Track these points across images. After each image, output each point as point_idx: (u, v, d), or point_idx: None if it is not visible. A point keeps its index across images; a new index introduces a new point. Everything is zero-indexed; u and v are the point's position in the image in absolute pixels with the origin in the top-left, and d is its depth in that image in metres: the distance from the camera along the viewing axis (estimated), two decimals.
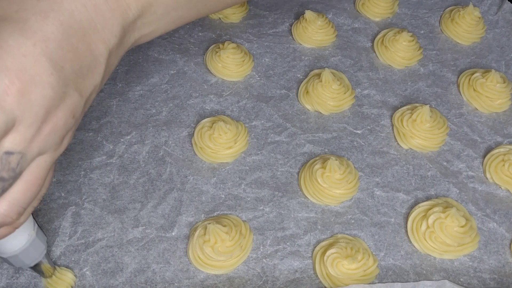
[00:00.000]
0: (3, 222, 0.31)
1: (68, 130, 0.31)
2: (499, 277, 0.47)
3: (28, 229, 0.37)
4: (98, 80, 0.32)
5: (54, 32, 0.29)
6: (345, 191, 0.50)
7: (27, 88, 0.27)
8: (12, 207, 0.30)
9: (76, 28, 0.30)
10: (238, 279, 0.46)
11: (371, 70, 0.62)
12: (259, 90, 0.60)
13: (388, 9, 0.68)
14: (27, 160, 0.29)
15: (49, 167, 0.32)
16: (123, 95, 0.58)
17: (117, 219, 0.49)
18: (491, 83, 0.58)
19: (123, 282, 0.45)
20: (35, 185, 0.31)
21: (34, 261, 0.39)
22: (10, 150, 0.28)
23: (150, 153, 0.54)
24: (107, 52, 0.32)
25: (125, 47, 0.35)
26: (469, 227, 0.48)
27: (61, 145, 0.32)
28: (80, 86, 0.31)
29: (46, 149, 0.30)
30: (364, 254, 0.46)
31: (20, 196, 0.30)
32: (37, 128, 0.29)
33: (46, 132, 0.29)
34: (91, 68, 0.31)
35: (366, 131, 0.57)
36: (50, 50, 0.29)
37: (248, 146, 0.55)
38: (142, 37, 0.36)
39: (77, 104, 0.31)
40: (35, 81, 0.28)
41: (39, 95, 0.28)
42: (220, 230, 0.46)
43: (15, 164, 0.29)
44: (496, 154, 0.54)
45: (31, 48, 0.28)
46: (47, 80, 0.28)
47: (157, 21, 0.36)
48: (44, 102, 0.28)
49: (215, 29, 0.65)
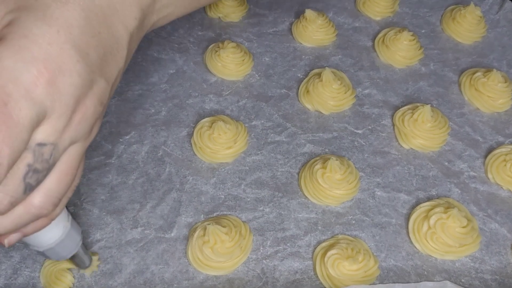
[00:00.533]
0: (39, 214, 0.30)
1: (97, 118, 0.31)
2: (501, 278, 0.47)
3: (63, 220, 0.37)
4: (122, 64, 0.32)
5: (76, 18, 0.28)
6: (346, 191, 0.50)
7: (55, 78, 0.27)
8: (47, 199, 0.30)
9: (97, 12, 0.30)
10: (238, 280, 0.45)
11: (372, 69, 0.62)
12: (259, 90, 0.59)
13: (389, 8, 0.67)
14: (60, 150, 0.29)
15: (81, 156, 0.31)
16: (122, 94, 0.58)
17: (115, 220, 0.48)
18: (492, 82, 0.58)
19: (122, 283, 0.45)
20: (68, 175, 0.30)
21: (70, 252, 0.39)
22: (42, 142, 0.28)
23: (149, 153, 0.53)
24: (128, 36, 0.32)
25: (144, 29, 0.35)
26: (471, 228, 0.48)
27: (91, 133, 0.31)
28: (105, 72, 0.31)
29: (77, 138, 0.30)
30: (365, 255, 0.46)
31: (54, 187, 0.30)
32: (68, 118, 0.28)
33: (76, 121, 0.29)
34: (114, 52, 0.31)
35: (367, 131, 0.56)
36: (74, 37, 0.28)
37: (248, 146, 0.54)
38: (160, 19, 0.36)
39: (104, 90, 0.31)
40: (62, 70, 0.27)
41: (67, 84, 0.27)
42: (220, 231, 0.45)
43: (48, 155, 0.28)
44: (497, 154, 0.54)
45: (56, 35, 0.27)
46: (74, 68, 0.28)
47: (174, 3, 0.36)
48: (73, 91, 0.28)
49: (214, 28, 0.65)
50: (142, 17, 0.33)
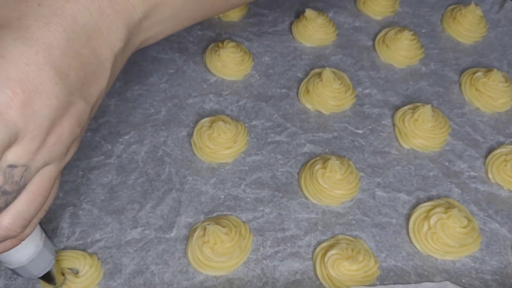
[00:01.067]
0: (7, 235, 0.30)
1: (74, 139, 0.30)
2: (501, 278, 0.47)
3: (35, 239, 0.36)
4: (104, 85, 0.32)
5: (57, 39, 0.28)
6: (346, 191, 0.50)
7: (30, 99, 0.26)
8: (16, 220, 0.29)
9: (80, 33, 0.29)
10: (237, 281, 0.45)
11: (372, 69, 0.62)
12: (259, 90, 0.59)
13: (389, 7, 0.67)
14: (32, 172, 0.29)
15: (55, 178, 0.31)
16: (122, 94, 0.58)
17: (115, 220, 0.48)
18: (493, 82, 0.58)
19: (122, 284, 0.45)
20: (40, 196, 0.30)
21: (42, 271, 0.38)
22: (13, 164, 0.27)
23: (148, 153, 0.53)
24: (112, 57, 0.31)
25: (131, 49, 0.34)
26: (471, 228, 0.48)
27: (67, 155, 0.31)
28: (85, 93, 0.30)
29: (51, 160, 0.29)
30: (365, 255, 0.46)
31: (24, 208, 0.29)
32: (42, 140, 0.28)
33: (51, 143, 0.28)
34: (97, 74, 0.31)
35: (367, 130, 0.56)
36: (54, 58, 0.28)
37: (248, 146, 0.54)
38: (148, 38, 0.35)
39: (83, 112, 0.30)
40: (39, 91, 0.27)
41: (43, 106, 0.27)
42: (220, 231, 0.45)
43: (18, 177, 0.28)
44: (498, 154, 0.54)
45: (34, 56, 0.27)
46: (51, 90, 0.27)
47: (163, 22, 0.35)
48: (49, 113, 0.27)
49: (214, 28, 0.65)
50: (128, 37, 0.32)
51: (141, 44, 0.35)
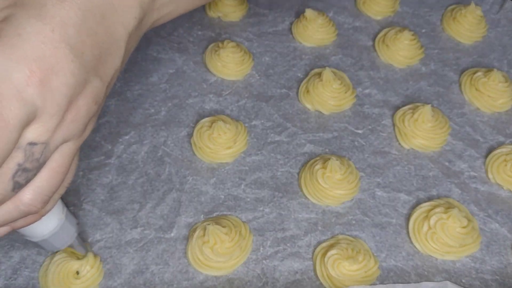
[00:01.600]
0: (29, 211, 0.30)
1: (91, 116, 0.31)
2: (501, 278, 0.47)
3: (58, 213, 0.37)
4: (118, 64, 0.32)
5: (72, 17, 0.28)
6: (346, 191, 0.50)
7: (48, 77, 0.27)
8: (36, 196, 0.30)
9: (95, 11, 0.29)
10: (237, 281, 0.45)
11: (372, 69, 0.62)
12: (259, 90, 0.59)
13: (389, 7, 0.67)
14: (51, 149, 0.29)
15: (73, 154, 0.31)
16: (122, 94, 0.58)
17: (115, 220, 0.48)
18: (493, 82, 0.58)
19: (122, 284, 0.45)
20: (59, 173, 0.30)
21: (64, 244, 0.39)
22: (33, 141, 0.28)
23: (148, 153, 0.53)
24: (126, 35, 0.32)
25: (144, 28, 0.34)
26: (471, 228, 0.48)
27: (85, 132, 0.31)
28: (101, 71, 0.30)
29: (70, 137, 0.30)
30: (365, 255, 0.46)
31: (44, 184, 0.30)
32: (60, 118, 0.28)
33: (69, 120, 0.29)
34: (111, 52, 0.31)
35: (367, 130, 0.56)
36: (69, 36, 0.28)
37: (248, 146, 0.54)
38: (161, 17, 0.35)
39: (99, 90, 0.30)
40: (55, 69, 0.27)
41: (60, 84, 0.27)
42: (220, 231, 0.45)
43: (38, 154, 0.28)
44: (498, 154, 0.54)
45: (50, 34, 0.27)
46: (68, 68, 0.27)
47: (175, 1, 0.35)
48: (66, 90, 0.28)
49: (214, 28, 0.65)
50: (141, 16, 0.33)
51: (153, 24, 0.35)
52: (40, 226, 0.36)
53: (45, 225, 0.36)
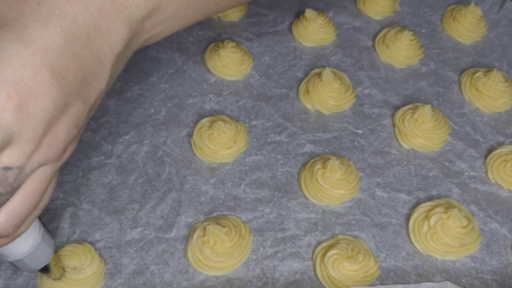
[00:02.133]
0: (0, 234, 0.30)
1: (71, 140, 0.30)
2: (501, 278, 0.47)
3: (33, 234, 0.36)
4: (103, 85, 0.31)
5: (56, 40, 0.27)
6: (346, 191, 0.50)
7: (26, 102, 0.26)
8: (9, 219, 0.29)
9: (80, 33, 0.29)
10: (237, 281, 0.45)
11: (372, 69, 0.62)
12: (259, 90, 0.59)
13: (389, 7, 0.67)
14: (26, 174, 0.28)
15: (50, 178, 0.30)
16: (122, 94, 0.58)
17: (115, 220, 0.48)
18: (493, 82, 0.58)
19: (122, 284, 0.45)
20: (34, 196, 0.30)
21: (40, 265, 0.38)
22: (7, 166, 0.27)
23: (148, 153, 0.53)
24: (113, 57, 0.31)
25: (133, 49, 0.34)
26: (471, 228, 0.48)
27: (63, 155, 0.31)
28: (83, 94, 0.30)
29: (47, 161, 0.29)
30: (365, 255, 0.46)
31: (17, 208, 0.29)
32: (37, 142, 0.28)
33: (46, 144, 0.28)
34: (96, 74, 0.30)
35: (367, 130, 0.56)
36: (51, 59, 0.27)
37: (247, 146, 0.54)
38: (151, 38, 0.35)
39: (80, 113, 0.30)
40: (34, 93, 0.26)
41: (38, 109, 0.27)
42: (220, 231, 0.45)
43: (12, 179, 0.28)
44: (498, 154, 0.54)
45: (31, 57, 0.26)
46: (47, 92, 0.27)
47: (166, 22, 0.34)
48: (44, 115, 0.27)
49: (214, 28, 0.65)
50: (130, 37, 0.32)
51: (143, 43, 0.35)
52: (14, 246, 0.35)
53: (19, 246, 0.35)
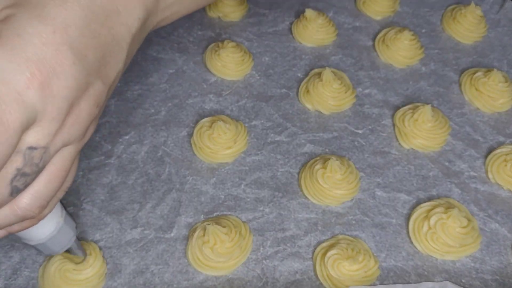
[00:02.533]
0: (25, 215, 0.29)
1: (92, 119, 0.30)
2: (501, 278, 0.47)
3: (56, 217, 0.36)
4: (121, 66, 0.31)
5: (74, 18, 0.27)
6: (346, 191, 0.50)
7: (49, 80, 0.26)
8: (34, 201, 0.29)
9: (98, 12, 0.29)
10: (237, 281, 0.45)
11: (372, 69, 0.62)
12: (259, 90, 0.59)
13: (389, 7, 0.67)
14: (51, 154, 0.28)
15: (74, 158, 0.30)
16: (122, 94, 0.58)
17: (115, 220, 0.48)
18: (493, 82, 0.58)
19: (122, 284, 0.45)
20: (58, 177, 0.30)
21: (63, 248, 0.39)
22: (33, 145, 0.27)
23: (148, 153, 0.53)
24: (130, 37, 0.31)
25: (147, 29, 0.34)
26: (471, 228, 0.48)
27: (86, 135, 0.31)
28: (103, 74, 0.30)
29: (70, 141, 0.29)
30: (365, 255, 0.46)
31: (42, 189, 0.29)
32: (61, 121, 0.27)
33: (69, 124, 0.28)
34: (114, 54, 0.30)
35: (367, 130, 0.56)
36: (71, 38, 0.27)
37: (248, 146, 0.54)
38: (165, 18, 0.35)
39: (101, 92, 0.30)
40: (57, 72, 0.26)
41: (61, 87, 0.27)
42: (220, 231, 0.45)
43: (38, 159, 0.28)
44: (498, 154, 0.54)
45: (51, 36, 0.26)
46: (69, 71, 0.27)
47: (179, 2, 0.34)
48: (67, 94, 0.27)
49: (214, 28, 0.65)
50: (145, 17, 0.32)
51: (157, 25, 0.35)
52: (37, 229, 0.35)
53: (42, 229, 0.35)
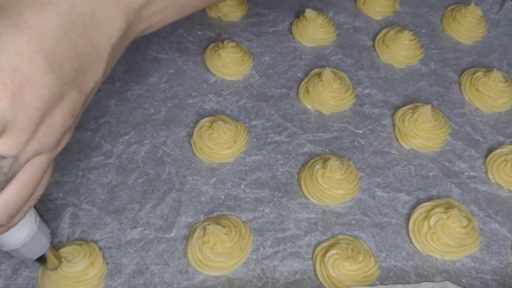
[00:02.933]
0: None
1: (66, 129, 0.30)
2: (501, 278, 0.47)
3: (29, 223, 0.36)
4: (100, 75, 0.31)
5: (52, 27, 0.27)
6: (346, 191, 0.50)
7: (21, 90, 0.26)
8: (3, 210, 0.29)
9: (77, 22, 0.28)
10: (237, 281, 0.45)
11: (372, 69, 0.62)
12: (259, 90, 0.59)
13: (389, 7, 0.67)
14: (21, 163, 0.28)
15: (45, 168, 0.30)
16: (122, 94, 0.58)
17: (115, 220, 0.48)
18: (493, 82, 0.58)
19: (122, 284, 0.45)
20: (29, 187, 0.29)
21: (36, 254, 0.38)
22: (2, 155, 0.27)
23: (148, 153, 0.53)
24: (110, 47, 0.30)
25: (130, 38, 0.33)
26: (471, 228, 0.48)
27: (59, 145, 0.30)
28: (79, 83, 0.29)
29: (42, 151, 0.29)
30: (365, 255, 0.46)
31: (11, 198, 0.29)
32: (32, 131, 0.27)
33: (42, 134, 0.28)
34: (93, 63, 0.30)
35: (367, 130, 0.56)
36: (47, 47, 0.27)
37: (247, 146, 0.54)
38: (148, 27, 0.34)
39: (76, 102, 0.29)
40: (29, 82, 0.26)
41: (34, 97, 0.26)
42: (220, 231, 0.45)
43: (7, 168, 0.27)
44: (498, 154, 0.54)
45: (26, 44, 0.26)
46: (42, 80, 0.26)
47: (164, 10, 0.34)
48: (40, 104, 0.27)
49: (214, 28, 0.65)
50: (127, 27, 0.31)
51: (140, 33, 0.34)
52: (9, 236, 0.34)
53: (14, 236, 0.35)
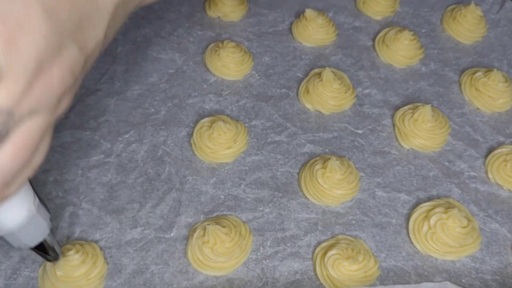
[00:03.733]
0: None
1: (66, 89, 0.27)
2: (501, 278, 0.47)
3: (27, 203, 0.33)
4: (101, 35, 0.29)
5: None
6: (346, 191, 0.50)
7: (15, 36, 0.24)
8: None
9: None
10: (237, 281, 0.45)
11: (372, 69, 0.62)
12: (259, 90, 0.59)
13: (389, 7, 0.67)
14: (15, 120, 0.25)
15: (43, 132, 0.28)
16: (122, 94, 0.58)
17: (115, 220, 0.48)
18: (493, 82, 0.58)
19: (122, 284, 0.45)
20: (25, 150, 0.27)
21: (34, 241, 0.35)
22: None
23: (148, 153, 0.53)
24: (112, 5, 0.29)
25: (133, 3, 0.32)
26: (471, 228, 0.48)
27: (58, 107, 0.28)
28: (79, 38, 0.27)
29: (39, 109, 0.26)
30: (365, 255, 0.45)
31: (6, 161, 0.26)
32: (27, 83, 0.25)
33: (38, 88, 0.26)
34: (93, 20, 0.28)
35: (367, 130, 0.56)
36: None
37: (247, 146, 0.54)
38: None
39: (76, 59, 0.27)
40: (23, 28, 0.24)
41: (28, 44, 0.24)
42: (220, 231, 0.45)
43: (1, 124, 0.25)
44: (498, 154, 0.54)
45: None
46: (38, 28, 0.25)
47: None
48: (35, 53, 0.25)
49: (214, 28, 0.65)
50: None
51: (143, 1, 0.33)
52: (5, 214, 0.31)
53: (11, 216, 0.32)
